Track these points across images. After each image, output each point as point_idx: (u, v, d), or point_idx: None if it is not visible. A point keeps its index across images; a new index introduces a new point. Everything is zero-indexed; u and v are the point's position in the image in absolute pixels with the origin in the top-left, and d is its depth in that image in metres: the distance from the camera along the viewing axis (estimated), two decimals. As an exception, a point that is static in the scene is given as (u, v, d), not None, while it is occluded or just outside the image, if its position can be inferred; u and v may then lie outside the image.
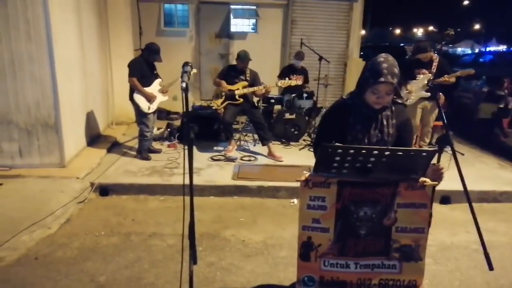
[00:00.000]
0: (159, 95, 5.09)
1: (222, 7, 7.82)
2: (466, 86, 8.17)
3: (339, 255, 1.94)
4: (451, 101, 6.49)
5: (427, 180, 1.86)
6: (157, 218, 3.83)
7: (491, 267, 1.81)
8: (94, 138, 5.74)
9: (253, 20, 7.99)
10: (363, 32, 10.13)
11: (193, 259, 2.01)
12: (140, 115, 5.04)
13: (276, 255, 3.23)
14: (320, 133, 2.24)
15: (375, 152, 1.72)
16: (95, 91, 5.95)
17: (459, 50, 37.78)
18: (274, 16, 7.94)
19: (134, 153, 5.30)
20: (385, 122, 2.00)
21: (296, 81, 5.63)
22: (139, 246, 3.31)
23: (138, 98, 4.93)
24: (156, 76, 5.15)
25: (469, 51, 36.69)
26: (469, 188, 1.92)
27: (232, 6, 7.77)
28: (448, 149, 5.72)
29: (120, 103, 6.35)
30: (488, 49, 34.50)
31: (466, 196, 1.86)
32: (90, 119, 5.62)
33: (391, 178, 1.86)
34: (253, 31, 8.06)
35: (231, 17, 7.82)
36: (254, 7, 7.80)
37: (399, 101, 2.07)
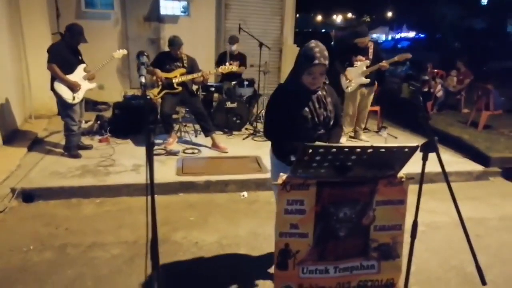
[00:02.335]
0: (84, 82, 4.54)
1: (150, -12, 7.26)
2: (392, 72, 8.62)
3: (319, 260, 1.83)
4: (381, 85, 6.77)
5: (404, 175, 1.80)
6: (95, 225, 3.43)
7: (483, 282, 1.79)
8: (9, 135, 5.01)
9: (185, 3, 7.55)
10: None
11: (156, 269, 1.73)
12: (64, 107, 4.47)
13: (233, 257, 3.05)
14: (270, 121, 2.37)
15: (358, 150, 1.61)
16: (8, 82, 5.18)
17: (375, 36, 40.25)
18: (207, -1, 7.58)
19: (60, 150, 4.73)
20: (325, 100, 2.25)
21: (236, 66, 5.41)
22: (78, 260, 2.91)
23: (60, 87, 4.36)
24: (81, 61, 4.59)
25: (383, 38, 39.31)
26: (408, 171, 1.89)
27: (161, -13, 7.25)
28: (383, 133, 6.02)
29: (39, 95, 5.64)
30: (401, 35, 37.23)
31: (449, 189, 1.83)
32: (4, 113, 4.89)
33: (369, 175, 1.77)
34: (184, 14, 7.63)
35: (161, -2, 7.30)
36: (185, -12, 7.37)
37: (326, 82, 2.32)
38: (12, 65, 5.43)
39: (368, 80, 5.23)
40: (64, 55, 4.38)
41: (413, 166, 1.90)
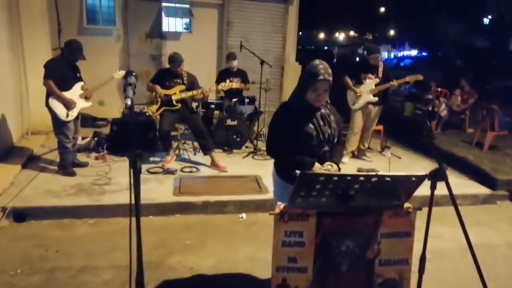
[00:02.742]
0: (80, 100, 4.46)
1: (153, 4, 7.27)
2: (395, 90, 8.51)
3: (319, 296, 1.69)
4: (384, 103, 6.69)
5: (410, 205, 1.68)
6: (88, 247, 3.29)
7: None
8: (5, 151, 4.91)
9: (187, 20, 7.55)
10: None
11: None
12: (58, 124, 4.38)
13: (230, 283, 2.91)
14: (273, 138, 2.37)
15: (361, 178, 1.49)
16: (6, 97, 5.11)
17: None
18: (209, 16, 7.58)
19: (55, 168, 4.61)
20: (328, 118, 2.27)
21: (237, 83, 5.33)
22: (66, 286, 2.78)
23: (54, 103, 4.28)
24: (79, 79, 4.52)
25: (386, 56, 39.51)
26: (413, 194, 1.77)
27: (164, 4, 7.26)
28: (387, 152, 5.88)
29: (37, 110, 5.55)
30: (403, 53, 37.42)
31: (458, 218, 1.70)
32: (1, 129, 4.80)
33: (373, 205, 1.65)
34: (187, 31, 7.62)
35: (163, 15, 7.30)
36: (188, 6, 7.37)
37: (328, 101, 2.37)
38: (11, 79, 5.37)
39: (376, 99, 5.15)
40: (62, 71, 4.31)
41: (418, 189, 1.78)
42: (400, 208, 1.67)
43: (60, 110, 4.30)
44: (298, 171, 1.99)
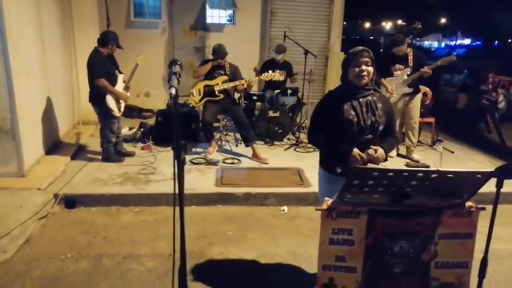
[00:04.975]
0: (124, 92, 4.58)
1: (197, -3, 7.29)
2: (448, 80, 8.06)
3: (368, 299, 1.59)
4: (436, 94, 6.33)
5: (473, 204, 1.53)
6: (133, 235, 3.37)
7: None
8: (57, 141, 5.15)
9: (230, 11, 7.52)
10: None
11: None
12: (108, 120, 4.49)
13: (271, 279, 2.85)
14: (315, 124, 2.34)
15: (420, 174, 1.36)
16: (59, 90, 5.34)
17: (426, 43, 38.59)
18: (253, 7, 7.49)
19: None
20: (374, 106, 2.16)
21: (280, 75, 5.22)
22: (112, 272, 2.84)
23: (110, 100, 4.39)
24: (119, 71, 4.61)
25: (436, 45, 37.59)
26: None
27: (208, -4, 7.26)
28: (439, 146, 5.55)
29: (87, 101, 5.78)
30: (456, 42, 35.43)
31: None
32: (53, 121, 5.03)
33: (431, 204, 1.51)
34: (230, 23, 7.59)
35: (207, 7, 7.31)
36: (232, -3, 7.33)
37: (379, 90, 2.27)
38: (64, 72, 5.61)
39: (411, 89, 4.87)
40: (107, 66, 4.40)
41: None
42: (462, 208, 1.52)
43: (114, 106, 4.41)
44: (339, 169, 1.91)
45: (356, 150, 2.03)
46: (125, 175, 4.33)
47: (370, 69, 2.13)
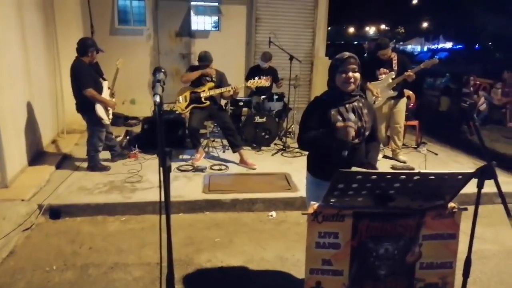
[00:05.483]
0: (111, 99, 4.55)
1: (182, 4, 7.30)
2: (431, 84, 8.21)
3: (355, 301, 1.60)
4: (419, 97, 6.43)
5: (455, 205, 1.56)
6: (119, 244, 3.32)
7: None
8: (42, 151, 5.07)
9: (215, 18, 7.55)
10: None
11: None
12: (98, 128, 4.45)
13: (259, 284, 2.84)
14: (303, 130, 2.33)
15: (402, 177, 1.39)
16: (43, 98, 5.28)
17: (409, 47, 39.20)
18: (238, 14, 7.54)
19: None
20: (360, 111, 2.20)
21: (266, 81, 5.25)
22: (98, 282, 2.80)
23: (100, 109, 4.35)
24: (103, 78, 4.57)
25: (419, 49, 38.25)
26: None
27: (192, 3, 7.28)
28: (423, 149, 5.64)
29: (72, 110, 5.70)
30: (438, 46, 36.11)
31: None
32: (37, 129, 4.95)
33: (414, 206, 1.54)
34: (215, 29, 7.62)
35: (192, 14, 7.33)
36: (216, 3, 7.36)
37: (363, 96, 2.33)
38: (47, 79, 5.54)
39: (396, 93, 4.95)
40: (92, 75, 4.37)
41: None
42: (444, 209, 1.55)
43: (104, 114, 4.38)
44: (346, 152, 1.94)
45: (340, 123, 2.08)
46: (111, 184, 4.28)
47: (357, 75, 2.17)
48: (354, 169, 1.45)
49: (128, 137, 5.55)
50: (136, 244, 3.31)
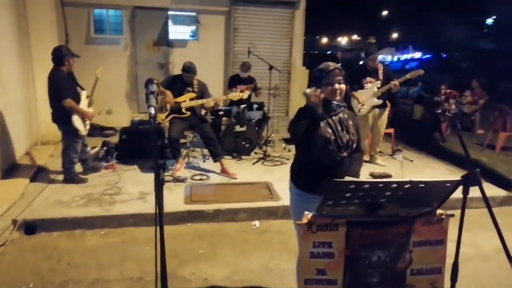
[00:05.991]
0: (89, 110, 4.44)
1: (159, 13, 7.26)
2: (405, 93, 8.46)
3: (348, 310, 1.61)
4: (394, 106, 6.61)
5: (443, 212, 1.60)
6: (99, 259, 3.22)
7: None
8: (15, 163, 4.89)
9: (194, 27, 7.54)
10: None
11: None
12: (72, 140, 4.33)
13: (246, 295, 2.83)
14: (294, 119, 2.24)
15: (393, 185, 1.42)
16: (16, 108, 5.11)
17: (380, 57, 40.29)
18: (216, 23, 7.56)
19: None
20: (346, 123, 2.19)
21: (247, 93, 5.30)
22: (79, 300, 2.71)
23: (77, 120, 4.23)
24: (81, 87, 4.47)
25: (389, 59, 39.44)
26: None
27: (170, 12, 7.25)
28: (399, 156, 5.79)
29: (46, 121, 5.54)
30: (407, 56, 37.31)
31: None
32: (10, 141, 4.77)
33: (402, 213, 1.57)
34: (193, 38, 7.61)
35: (170, 23, 7.30)
36: (194, 13, 7.36)
37: (346, 105, 2.27)
38: (21, 89, 5.36)
39: (381, 101, 5.09)
40: (71, 85, 4.26)
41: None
42: (432, 215, 1.60)
43: (81, 125, 4.26)
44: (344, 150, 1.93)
45: (309, 90, 2.04)
46: (89, 196, 4.16)
47: (343, 86, 2.14)
48: (347, 178, 1.47)
49: (105, 148, 5.42)
50: (117, 258, 3.23)
